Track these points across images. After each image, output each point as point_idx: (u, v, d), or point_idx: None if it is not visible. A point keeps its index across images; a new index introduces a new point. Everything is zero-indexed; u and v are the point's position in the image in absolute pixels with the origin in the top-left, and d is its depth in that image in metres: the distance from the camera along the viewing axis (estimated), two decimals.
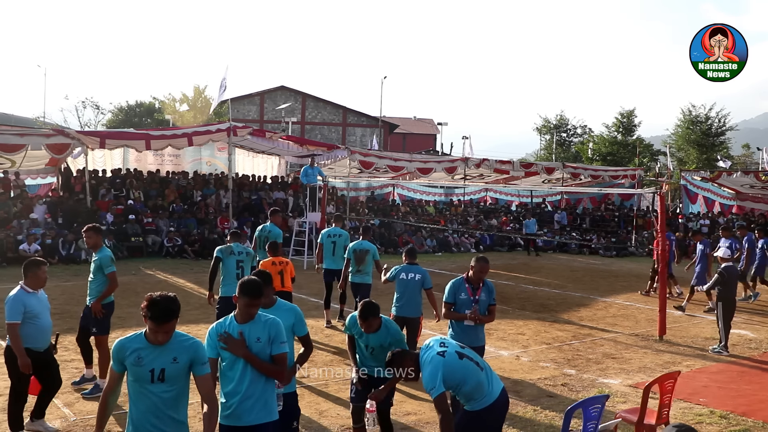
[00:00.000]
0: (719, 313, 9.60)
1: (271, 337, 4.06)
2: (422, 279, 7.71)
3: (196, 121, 38.29)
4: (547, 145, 52.00)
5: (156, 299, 3.50)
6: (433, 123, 57.54)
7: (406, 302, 7.69)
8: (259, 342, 4.04)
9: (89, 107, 46.29)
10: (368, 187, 30.22)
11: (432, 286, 7.80)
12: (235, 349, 3.98)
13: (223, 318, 4.17)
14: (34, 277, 5.57)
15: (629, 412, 5.84)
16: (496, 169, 26.87)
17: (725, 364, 9.00)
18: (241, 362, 3.99)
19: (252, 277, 4.22)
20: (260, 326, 4.07)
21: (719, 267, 9.73)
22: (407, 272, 7.77)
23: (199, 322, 10.30)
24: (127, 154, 23.45)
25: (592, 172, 30.29)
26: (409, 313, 7.71)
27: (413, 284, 7.70)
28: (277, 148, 23.61)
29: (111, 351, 3.77)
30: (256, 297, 4.05)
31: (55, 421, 6.03)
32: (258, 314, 4.10)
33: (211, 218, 20.56)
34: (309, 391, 7.16)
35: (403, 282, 7.72)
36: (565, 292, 14.96)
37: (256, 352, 4.01)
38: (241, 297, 4.03)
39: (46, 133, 18.86)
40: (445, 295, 6.21)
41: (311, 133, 46.79)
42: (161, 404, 3.57)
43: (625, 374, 8.22)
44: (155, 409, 3.56)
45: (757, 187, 28.36)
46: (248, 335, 4.03)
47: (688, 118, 44.36)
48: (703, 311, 12.73)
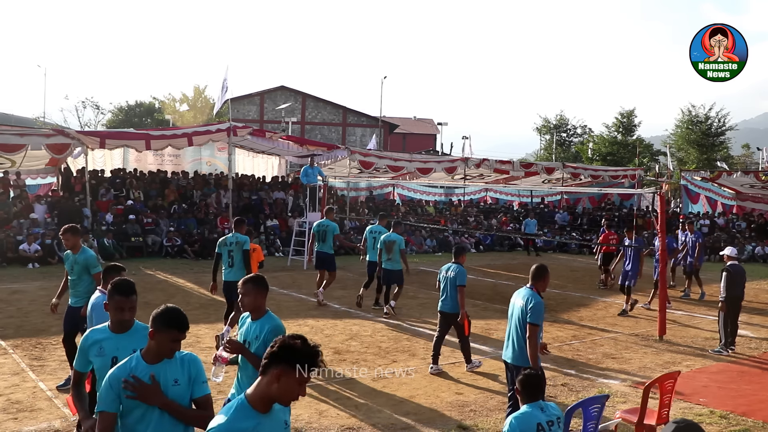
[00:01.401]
0: (722, 312, 9.59)
1: (191, 376, 3.32)
2: (455, 276, 8.04)
3: (196, 121, 38.28)
4: (547, 145, 51.99)
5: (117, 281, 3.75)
6: (433, 123, 57.53)
7: (446, 298, 8.12)
8: (177, 385, 3.28)
9: (89, 107, 46.36)
10: (368, 187, 30.22)
11: (464, 284, 8.01)
12: (148, 397, 3.18)
13: (124, 360, 3.33)
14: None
15: (629, 412, 5.84)
16: (496, 169, 26.87)
17: (725, 364, 9.01)
18: (155, 413, 3.21)
19: (171, 306, 3.36)
20: (176, 365, 3.31)
21: (725, 265, 9.71)
22: (447, 270, 8.18)
23: (199, 323, 10.30)
24: (127, 154, 23.46)
25: (592, 172, 30.29)
26: (447, 308, 8.12)
27: (450, 281, 8.07)
28: (277, 148, 23.61)
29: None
30: (183, 329, 3.29)
31: (55, 421, 6.04)
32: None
33: (211, 218, 20.56)
34: (309, 391, 7.16)
35: (445, 279, 8.15)
36: (565, 292, 14.95)
37: (174, 398, 3.25)
38: (163, 330, 3.24)
39: (46, 133, 18.86)
40: (540, 318, 5.86)
41: (311, 133, 46.79)
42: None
43: (625, 374, 8.22)
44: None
45: (757, 187, 28.35)
46: (163, 378, 3.27)
47: (688, 118, 44.36)
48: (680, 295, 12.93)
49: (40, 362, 7.92)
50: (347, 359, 8.53)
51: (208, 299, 12.45)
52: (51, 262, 16.29)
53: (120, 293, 3.75)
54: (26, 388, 6.92)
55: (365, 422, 6.25)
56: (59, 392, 6.76)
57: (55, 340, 8.93)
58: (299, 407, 6.60)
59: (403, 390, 7.27)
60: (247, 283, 4.40)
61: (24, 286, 13.23)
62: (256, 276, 4.47)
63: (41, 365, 7.79)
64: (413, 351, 9.08)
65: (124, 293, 3.76)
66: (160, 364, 3.28)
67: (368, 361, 8.47)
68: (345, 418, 6.33)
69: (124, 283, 3.80)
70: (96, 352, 3.77)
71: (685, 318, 12.23)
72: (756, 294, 15.30)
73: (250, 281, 4.41)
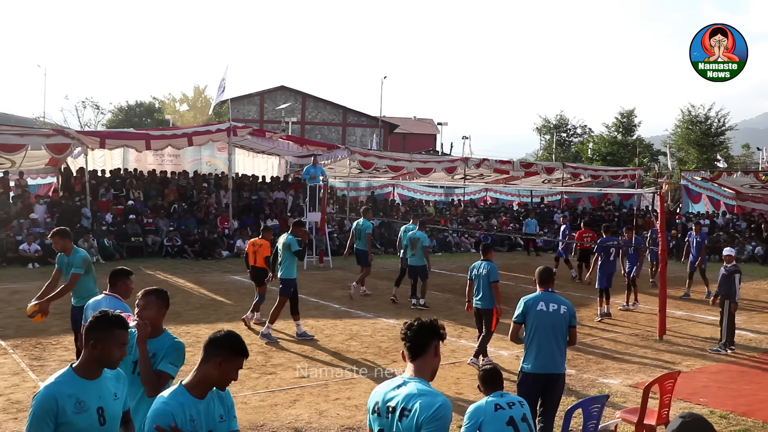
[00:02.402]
0: (725, 310, 9.60)
1: (228, 410, 3.13)
2: (488, 273, 8.33)
3: (196, 121, 38.30)
4: (547, 145, 51.97)
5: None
6: (433, 123, 57.52)
7: (481, 296, 8.41)
8: (223, 421, 3.09)
9: (89, 107, 46.35)
10: (368, 187, 30.22)
11: (497, 279, 8.33)
12: None
13: (161, 398, 2.98)
14: (123, 286, 5.18)
15: (629, 412, 5.84)
16: (496, 169, 26.86)
17: (725, 364, 9.01)
18: None
19: (231, 331, 3.12)
20: (216, 399, 3.08)
21: (726, 266, 9.70)
22: (479, 268, 8.46)
23: (199, 323, 10.30)
24: (127, 154, 23.46)
25: (592, 172, 30.28)
26: (483, 305, 8.42)
27: (483, 278, 8.35)
28: (277, 148, 23.62)
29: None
30: (247, 355, 3.09)
31: None
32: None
33: (211, 218, 20.57)
34: (309, 391, 7.16)
35: (478, 277, 8.42)
36: (565, 292, 14.94)
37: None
38: (233, 358, 3.01)
39: (46, 133, 18.87)
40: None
41: (311, 133, 46.78)
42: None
43: (625, 374, 8.22)
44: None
45: (757, 187, 28.35)
46: (211, 414, 3.03)
47: (688, 118, 44.36)
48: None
49: (40, 362, 7.92)
50: (347, 359, 8.53)
51: (208, 299, 12.46)
52: (51, 262, 16.15)
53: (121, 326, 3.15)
54: (26, 388, 6.92)
55: (365, 422, 6.25)
56: None
57: (55, 340, 8.94)
58: (299, 407, 6.60)
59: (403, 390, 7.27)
60: (149, 295, 3.92)
61: (24, 286, 13.22)
62: (159, 290, 4.00)
63: (41, 365, 7.79)
64: None
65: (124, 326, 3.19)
66: (206, 399, 3.03)
67: (368, 361, 8.47)
68: (345, 418, 6.34)
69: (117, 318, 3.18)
70: (74, 409, 2.96)
71: (685, 318, 12.23)
72: (756, 294, 15.30)
73: (153, 293, 3.94)
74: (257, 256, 10.64)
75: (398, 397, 2.95)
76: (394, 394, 2.98)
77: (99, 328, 3.07)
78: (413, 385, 2.96)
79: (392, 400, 2.97)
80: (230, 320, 10.43)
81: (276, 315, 9.53)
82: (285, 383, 7.40)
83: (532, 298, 5.38)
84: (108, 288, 5.13)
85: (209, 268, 16.74)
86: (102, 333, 3.04)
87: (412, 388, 2.95)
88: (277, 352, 8.67)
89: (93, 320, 3.09)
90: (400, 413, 2.90)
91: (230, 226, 20.39)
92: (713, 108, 43.78)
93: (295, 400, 6.84)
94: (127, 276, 5.17)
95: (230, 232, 20.13)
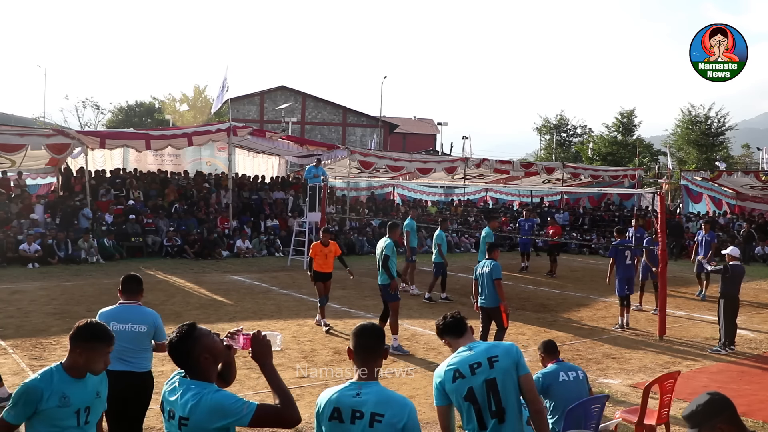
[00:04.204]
0: (721, 310, 9.61)
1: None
2: (491, 270, 8.40)
3: (196, 121, 38.28)
4: (547, 145, 51.99)
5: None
6: (433, 123, 57.52)
7: (485, 295, 8.50)
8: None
9: (89, 107, 46.35)
10: (368, 187, 30.21)
11: (500, 277, 8.39)
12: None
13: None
14: (142, 293, 5.05)
15: (629, 412, 5.84)
16: (496, 169, 26.86)
17: (725, 364, 9.00)
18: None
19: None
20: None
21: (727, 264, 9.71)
22: (482, 267, 8.54)
23: (198, 323, 10.24)
24: (127, 154, 23.47)
25: (592, 172, 30.28)
26: (488, 303, 8.51)
27: (487, 276, 8.42)
28: (277, 148, 23.62)
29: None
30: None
31: None
32: None
33: (212, 218, 20.57)
34: (309, 391, 7.16)
35: (482, 276, 8.50)
36: (565, 292, 14.95)
37: None
38: (85, 344, 3.14)
39: (46, 133, 18.87)
40: None
41: (311, 133, 46.79)
42: None
43: (625, 374, 8.22)
44: None
45: (757, 187, 28.34)
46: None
47: (688, 118, 44.37)
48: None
49: (40, 362, 7.91)
50: (347, 359, 8.51)
51: (208, 299, 12.46)
52: (51, 262, 16.28)
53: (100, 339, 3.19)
54: None
55: None
56: None
57: (55, 340, 8.94)
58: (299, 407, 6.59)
59: (403, 390, 7.26)
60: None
61: (24, 286, 13.22)
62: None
63: (41, 365, 7.78)
64: (413, 351, 9.08)
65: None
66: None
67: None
68: None
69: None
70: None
71: (685, 318, 12.23)
72: (756, 294, 15.31)
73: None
74: (329, 260, 10.51)
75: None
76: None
77: (83, 339, 3.16)
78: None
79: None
80: (230, 320, 10.42)
81: (397, 323, 9.24)
82: (285, 383, 7.39)
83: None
84: (126, 295, 4.93)
85: (209, 268, 16.74)
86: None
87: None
88: (277, 353, 8.66)
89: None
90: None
91: (230, 226, 20.39)
92: (713, 108, 43.87)
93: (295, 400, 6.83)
94: (138, 284, 5.03)
95: (230, 232, 20.13)
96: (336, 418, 2.95)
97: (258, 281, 14.79)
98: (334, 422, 2.96)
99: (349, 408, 2.92)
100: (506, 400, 3.42)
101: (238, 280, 14.84)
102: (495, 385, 3.41)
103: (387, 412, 2.86)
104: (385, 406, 2.88)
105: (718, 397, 2.51)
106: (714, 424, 2.45)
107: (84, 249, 16.84)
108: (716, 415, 2.47)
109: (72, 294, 12.37)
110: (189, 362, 2.84)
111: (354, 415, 2.90)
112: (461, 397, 3.42)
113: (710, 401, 2.49)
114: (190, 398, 2.72)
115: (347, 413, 2.92)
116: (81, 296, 12.21)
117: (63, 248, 16.79)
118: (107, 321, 4.26)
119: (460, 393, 3.42)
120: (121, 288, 4.96)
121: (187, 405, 2.71)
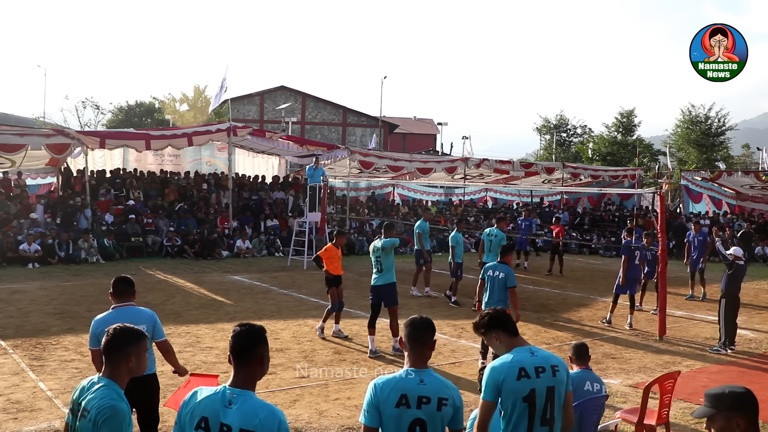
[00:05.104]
0: (721, 309, 9.61)
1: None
2: (505, 277, 8.04)
3: (196, 121, 38.30)
4: (547, 145, 51.98)
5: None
6: (433, 123, 57.53)
7: (495, 300, 8.01)
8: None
9: (89, 107, 46.31)
10: (368, 187, 30.21)
11: (514, 285, 8.05)
12: None
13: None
14: (134, 295, 4.98)
15: (629, 412, 5.84)
16: (496, 169, 26.84)
17: (725, 364, 9.01)
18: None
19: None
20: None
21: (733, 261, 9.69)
22: (493, 270, 8.18)
23: (199, 323, 10.29)
24: (127, 154, 23.48)
25: (592, 172, 30.27)
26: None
27: (498, 282, 8.08)
28: (277, 148, 23.61)
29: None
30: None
31: (55, 421, 6.03)
32: None
33: (211, 218, 20.57)
34: (309, 391, 7.16)
35: (490, 279, 8.17)
36: (565, 292, 14.95)
37: None
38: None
39: (46, 133, 18.86)
40: None
41: (311, 133, 46.79)
42: None
43: (625, 374, 8.22)
44: None
45: (757, 187, 28.34)
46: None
47: (688, 118, 44.37)
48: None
49: (40, 362, 7.91)
50: (347, 359, 8.53)
51: (208, 299, 12.46)
52: (51, 262, 16.28)
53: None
54: (26, 388, 6.91)
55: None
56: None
57: (55, 340, 8.94)
58: (299, 407, 6.61)
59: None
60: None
61: (24, 286, 13.22)
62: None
63: (41, 365, 7.79)
64: None
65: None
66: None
67: (368, 361, 8.47)
68: (345, 418, 6.33)
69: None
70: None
71: (685, 318, 12.23)
72: (756, 294, 15.31)
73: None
74: (340, 263, 10.17)
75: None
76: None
77: (132, 342, 3.06)
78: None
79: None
80: (230, 320, 10.42)
81: (397, 325, 8.90)
82: (285, 383, 7.40)
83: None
84: (118, 298, 4.81)
85: (209, 268, 16.74)
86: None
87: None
88: (277, 353, 8.66)
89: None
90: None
91: (230, 226, 20.39)
92: (713, 108, 43.87)
93: (295, 400, 6.85)
94: (130, 286, 4.94)
95: (230, 232, 20.14)
96: (404, 404, 3.15)
97: (258, 281, 14.79)
98: (402, 408, 3.15)
99: (415, 394, 3.15)
100: (558, 410, 3.47)
101: (238, 280, 14.84)
102: (553, 393, 3.44)
103: (450, 396, 3.18)
104: (448, 390, 3.20)
105: (750, 396, 2.50)
106: (733, 416, 2.45)
107: (84, 249, 16.84)
108: (739, 410, 2.46)
109: (72, 294, 12.37)
110: (250, 359, 2.81)
111: (421, 401, 3.14)
112: (520, 397, 3.38)
113: (741, 395, 2.49)
114: (259, 410, 2.70)
115: (414, 399, 3.15)
116: (81, 296, 12.21)
117: (63, 248, 16.80)
118: (103, 328, 3.81)
119: (522, 392, 3.39)
120: (112, 291, 4.85)
121: (255, 417, 2.67)
